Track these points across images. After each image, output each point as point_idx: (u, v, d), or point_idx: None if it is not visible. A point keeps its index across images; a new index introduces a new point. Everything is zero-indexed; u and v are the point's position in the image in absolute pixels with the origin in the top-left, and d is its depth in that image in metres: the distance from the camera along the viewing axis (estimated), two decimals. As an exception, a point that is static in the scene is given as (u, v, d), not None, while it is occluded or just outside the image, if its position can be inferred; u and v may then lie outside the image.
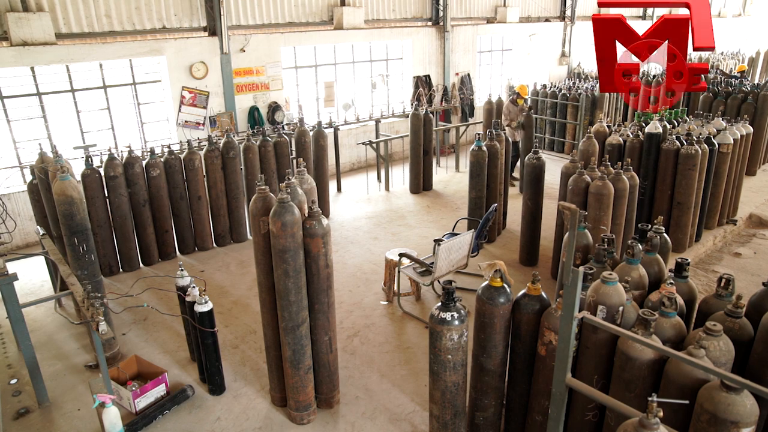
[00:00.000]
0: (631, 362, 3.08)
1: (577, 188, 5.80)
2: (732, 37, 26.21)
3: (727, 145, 7.61)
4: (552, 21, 17.36)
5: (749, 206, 9.06)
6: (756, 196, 9.61)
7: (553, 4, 17.37)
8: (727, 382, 2.61)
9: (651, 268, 3.85)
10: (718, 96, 11.44)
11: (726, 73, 15.53)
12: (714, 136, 7.55)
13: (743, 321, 3.24)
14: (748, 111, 10.39)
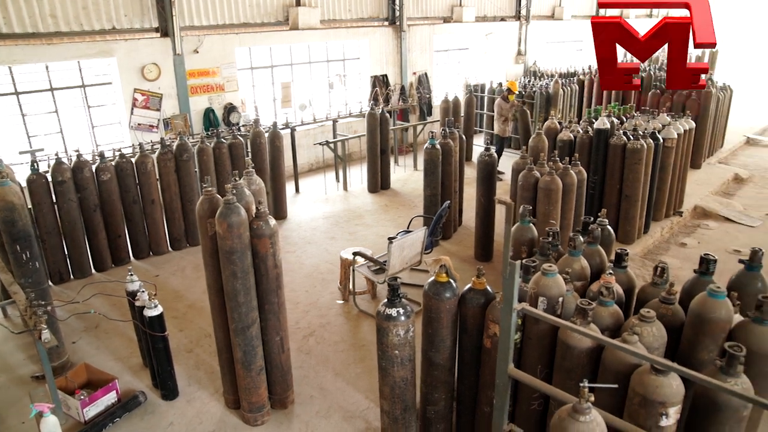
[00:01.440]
0: (570, 351, 3.17)
1: (527, 183, 5.93)
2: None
3: (672, 140, 7.88)
4: (508, 20, 17.63)
5: (694, 198, 9.39)
6: (701, 189, 9.97)
7: (509, 4, 17.64)
8: (656, 366, 2.71)
9: (593, 259, 3.97)
10: (664, 92, 11.82)
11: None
12: (659, 131, 7.81)
13: (676, 307, 3.37)
14: (692, 107, 10.77)
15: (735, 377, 2.73)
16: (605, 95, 13.89)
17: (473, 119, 12.93)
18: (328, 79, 13.05)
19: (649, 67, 16.70)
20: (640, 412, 2.83)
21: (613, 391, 3.02)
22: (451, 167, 7.65)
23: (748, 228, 8.66)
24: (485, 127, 13.97)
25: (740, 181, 11.05)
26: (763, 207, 9.59)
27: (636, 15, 24.71)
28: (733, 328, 3.12)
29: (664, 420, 2.80)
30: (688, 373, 2.58)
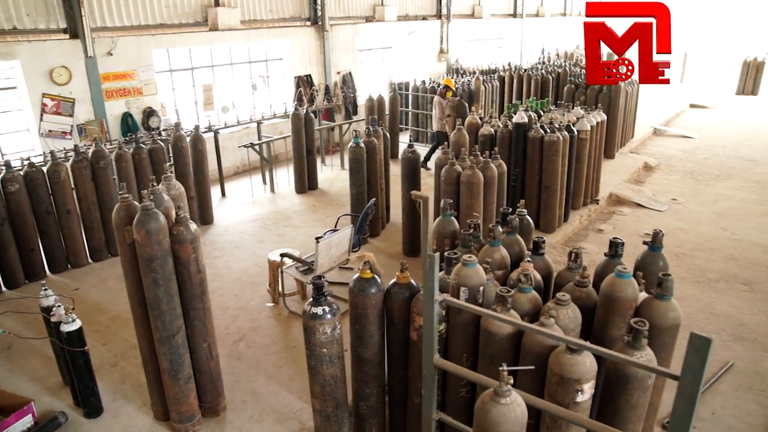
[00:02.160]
0: (492, 338, 3.28)
1: (449, 178, 6.08)
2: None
3: (586, 132, 8.28)
4: (429, 19, 17.94)
5: (609, 186, 9.92)
6: (615, 177, 10.54)
7: (430, 3, 17.95)
8: (570, 346, 2.86)
9: (512, 248, 4.12)
10: (579, 87, 12.39)
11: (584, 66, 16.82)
12: (573, 124, 8.19)
13: (589, 289, 3.55)
14: (604, 100, 11.35)
15: (640, 350, 2.91)
16: (524, 90, 14.42)
17: (398, 117, 13.08)
18: (251, 81, 12.84)
19: (564, 62, 17.45)
20: (559, 391, 2.97)
21: (535, 373, 3.16)
22: (376, 165, 7.72)
23: (657, 212, 9.25)
24: (410, 125, 14.17)
25: (649, 169, 11.76)
26: (670, 192, 10.27)
27: (551, 14, 25.74)
28: (639, 305, 3.32)
29: (580, 396, 2.95)
30: (598, 350, 2.75)
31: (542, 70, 14.85)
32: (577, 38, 26.64)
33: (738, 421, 4.63)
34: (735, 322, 6.07)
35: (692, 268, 7.30)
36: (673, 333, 3.33)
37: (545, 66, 16.24)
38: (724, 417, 4.68)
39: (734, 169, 11.88)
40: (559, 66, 15.92)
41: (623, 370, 3.04)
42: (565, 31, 27.03)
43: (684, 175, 11.46)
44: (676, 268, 7.27)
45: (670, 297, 3.25)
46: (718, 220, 8.97)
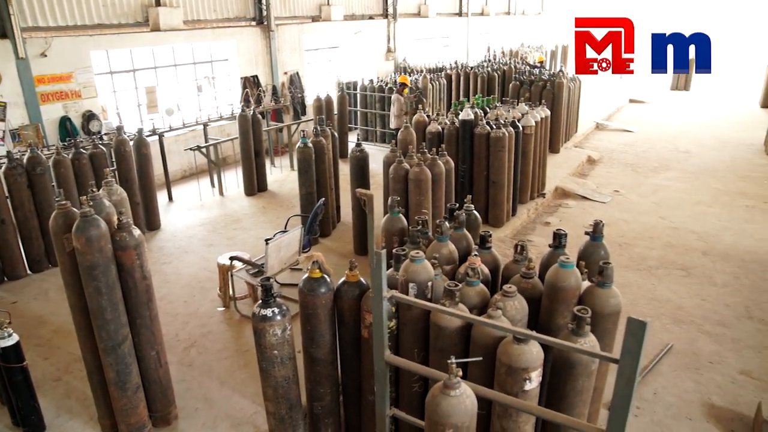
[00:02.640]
0: (442, 332, 3.32)
1: (398, 176, 6.12)
2: (535, 32, 29.21)
3: (530, 127, 8.48)
4: (376, 18, 17.98)
5: (555, 180, 10.20)
6: (560, 171, 10.83)
7: (376, 3, 18.00)
8: (517, 336, 2.92)
9: (460, 243, 4.17)
10: (523, 84, 12.67)
11: (530, 64, 17.24)
12: (519, 120, 8.37)
13: (535, 280, 3.63)
14: (548, 97, 11.64)
15: (584, 337, 3.01)
16: (471, 88, 14.64)
17: (347, 117, 13.08)
18: (196, 82, 12.58)
19: (509, 60, 17.82)
20: (507, 380, 3.04)
21: (485, 364, 3.22)
22: (325, 165, 7.69)
23: (601, 204, 9.56)
24: (359, 124, 14.18)
25: (593, 162, 12.14)
26: (612, 184, 10.64)
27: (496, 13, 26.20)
28: (582, 294, 3.43)
29: (528, 384, 3.02)
30: (543, 339, 2.82)
31: (488, 68, 15.12)
32: (521, 36, 27.29)
33: (677, 399, 4.85)
34: (673, 306, 6.35)
35: (634, 257, 7.58)
36: (615, 319, 3.45)
37: (491, 64, 16.53)
38: (664, 396, 4.89)
39: (671, 161, 12.41)
40: (504, 63, 16.24)
41: (568, 357, 3.13)
42: (510, 30, 27.60)
43: (625, 168, 11.90)
44: (619, 256, 7.54)
45: (611, 284, 3.37)
46: (657, 210, 9.35)
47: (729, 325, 6.00)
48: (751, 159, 12.68)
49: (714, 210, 9.38)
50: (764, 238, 8.22)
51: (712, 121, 16.97)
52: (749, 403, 4.74)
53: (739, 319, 6.12)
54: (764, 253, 7.71)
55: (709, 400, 4.86)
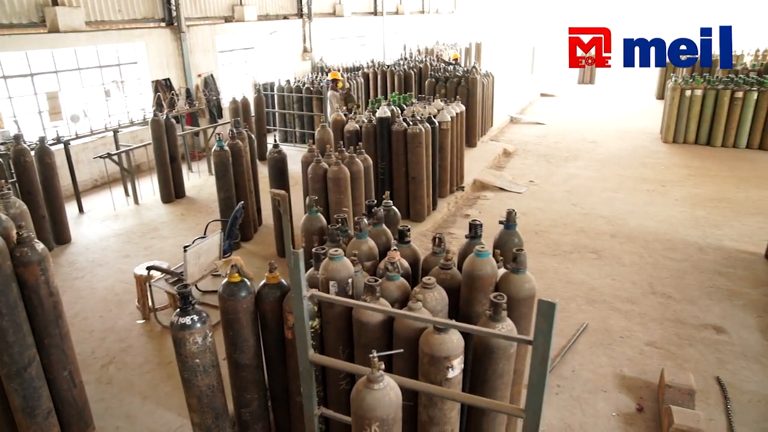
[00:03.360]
0: (365, 327, 3.34)
1: (316, 175, 6.09)
2: (449, 30, 29.91)
3: (446, 122, 8.68)
4: (291, 18, 17.79)
5: (473, 173, 10.50)
6: (477, 164, 11.16)
7: (291, 2, 17.80)
8: (437, 326, 2.99)
9: (379, 239, 4.21)
10: (439, 81, 12.94)
11: (445, 61, 17.63)
12: (435, 116, 8.54)
13: (453, 271, 3.73)
14: (463, 92, 11.96)
15: (501, 322, 3.12)
16: (388, 86, 14.78)
17: (264, 118, 12.87)
18: (103, 87, 11.98)
19: (425, 58, 18.13)
20: (431, 370, 3.10)
21: (408, 356, 3.27)
22: (243, 168, 7.55)
23: (517, 194, 9.94)
24: (278, 125, 14.00)
25: (508, 155, 12.59)
26: (527, 175, 11.08)
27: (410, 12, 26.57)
28: (498, 281, 3.55)
29: (451, 372, 3.10)
30: (462, 327, 2.91)
31: (404, 66, 15.31)
32: (436, 34, 27.83)
33: (593, 374, 5.13)
34: (587, 287, 6.70)
35: (550, 243, 7.94)
36: (530, 303, 3.59)
37: (407, 62, 16.76)
38: (581, 372, 5.16)
39: (580, 151, 13.08)
40: (420, 61, 16.51)
41: (488, 343, 3.24)
42: (425, 28, 28.08)
43: (539, 159, 12.42)
44: (536, 244, 7.87)
45: (525, 270, 3.50)
46: (569, 198, 9.83)
47: (636, 301, 6.40)
48: (650, 146, 13.59)
49: (620, 195, 9.97)
50: (663, 219, 8.84)
51: (615, 112, 18.03)
52: (655, 371, 5.09)
53: (645, 295, 6.55)
54: (663, 233, 8.29)
55: (621, 372, 5.17)
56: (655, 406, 4.73)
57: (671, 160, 12.32)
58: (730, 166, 11.72)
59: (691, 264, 7.32)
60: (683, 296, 6.52)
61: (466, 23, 32.52)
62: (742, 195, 9.96)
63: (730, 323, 5.98)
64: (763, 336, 5.76)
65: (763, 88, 12.68)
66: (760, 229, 8.00)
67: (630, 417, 4.65)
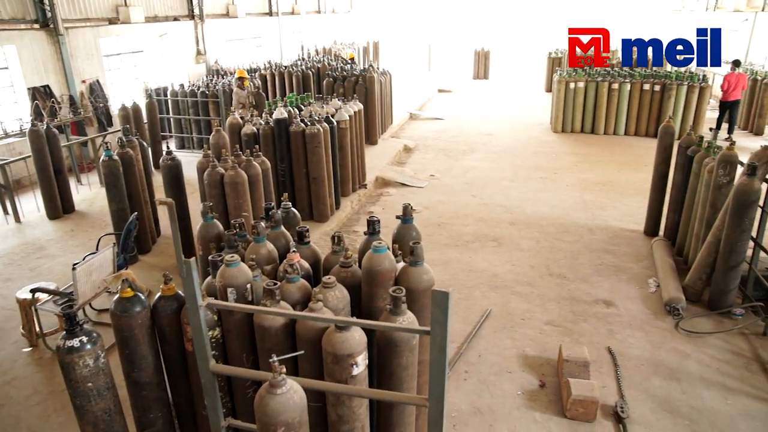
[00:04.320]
0: (267, 332, 3.29)
1: (213, 181, 5.92)
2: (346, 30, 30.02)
3: (345, 121, 8.72)
4: (182, 20, 17.13)
5: (375, 171, 10.62)
6: (379, 161, 11.30)
7: (180, 3, 17.14)
8: (338, 324, 3.00)
9: (279, 242, 4.16)
10: (336, 80, 12.95)
11: (343, 59, 17.69)
12: (333, 115, 8.55)
13: (354, 268, 3.75)
14: (360, 91, 12.05)
15: (401, 315, 3.17)
16: (287, 87, 14.61)
17: (158, 125, 12.31)
18: (-30, 97, 10.97)
19: (323, 57, 18.09)
20: (335, 368, 3.11)
21: (313, 358, 3.26)
22: (135, 177, 7.18)
23: (419, 189, 10.17)
24: (174, 132, 13.46)
25: (409, 151, 12.84)
26: (428, 169, 11.36)
27: (306, 12, 26.39)
28: (398, 275, 3.61)
29: (356, 369, 3.12)
30: (361, 323, 2.94)
31: (302, 67, 15.20)
32: (333, 34, 27.82)
33: (498, 357, 5.35)
34: (489, 274, 6.97)
35: (452, 234, 8.18)
36: (430, 294, 3.68)
37: (305, 62, 16.64)
38: (487, 357, 5.37)
39: (477, 144, 13.59)
40: (318, 61, 16.45)
41: (390, 336, 3.29)
42: (322, 28, 28.01)
43: (438, 153, 12.77)
44: (439, 236, 8.09)
45: (422, 262, 3.59)
46: (469, 189, 10.19)
47: (534, 284, 6.75)
48: (541, 136, 14.37)
49: (516, 184, 10.46)
50: (555, 204, 9.38)
51: (508, 105, 18.89)
52: (554, 348, 5.39)
53: (542, 277, 6.92)
54: (557, 218, 8.79)
55: (524, 353, 5.43)
56: (556, 381, 5.01)
57: (561, 149, 13.09)
58: (612, 152, 12.63)
59: (582, 245, 7.82)
60: (577, 276, 6.95)
61: (363, 22, 32.79)
62: (623, 178, 10.77)
63: (617, 297, 6.45)
64: (645, 305, 6.26)
65: (634, 80, 13.78)
66: (639, 208, 8.67)
67: (534, 393, 4.89)
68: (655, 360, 5.32)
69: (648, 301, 6.34)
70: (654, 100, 13.83)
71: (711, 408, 4.70)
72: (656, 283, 6.66)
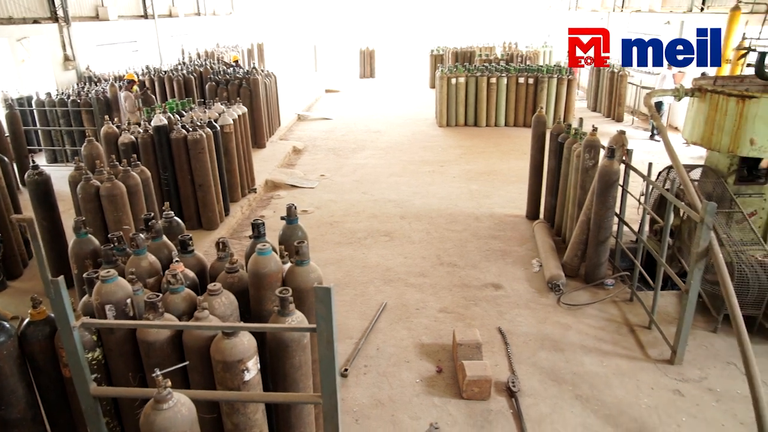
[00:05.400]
0: (152, 347, 3.17)
1: (87, 194, 5.57)
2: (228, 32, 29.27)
3: (229, 125, 8.52)
4: (43, 22, 15.85)
5: (264, 174, 10.47)
6: (268, 164, 11.16)
7: (40, 4, 15.84)
8: (224, 331, 2.96)
9: (161, 253, 4.01)
10: (220, 84, 12.61)
11: (226, 63, 17.25)
12: (216, 120, 8.32)
13: (240, 273, 3.70)
14: (245, 94, 11.83)
15: (290, 315, 3.18)
16: (168, 93, 14.01)
17: (23, 137, 11.30)
18: None
19: (205, 61, 17.52)
20: (226, 376, 3.05)
21: (203, 368, 3.18)
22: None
23: (310, 189, 10.15)
24: (44, 144, 12.46)
25: (298, 152, 12.78)
26: (318, 170, 11.38)
27: (185, 14, 25.40)
28: (285, 276, 3.61)
29: (247, 374, 3.09)
30: (247, 327, 2.92)
31: (183, 71, 14.63)
32: (215, 37, 27.00)
33: (396, 349, 5.49)
34: (383, 268, 7.12)
35: (345, 232, 8.26)
36: (318, 292, 3.72)
37: (186, 66, 16.03)
38: (385, 349, 5.48)
39: (366, 141, 13.79)
40: (200, 65, 15.91)
41: (281, 337, 3.28)
42: (203, 30, 27.07)
43: (328, 153, 12.82)
44: (332, 234, 8.13)
45: (308, 261, 3.61)
46: (360, 186, 10.32)
47: (427, 274, 6.97)
48: (427, 131, 14.85)
49: (405, 179, 10.74)
50: (444, 196, 9.74)
51: (395, 102, 19.32)
52: (448, 334, 5.61)
53: (434, 266, 7.17)
54: (445, 209, 9.14)
55: (420, 341, 5.60)
56: (452, 365, 5.22)
57: (446, 142, 13.60)
58: (495, 143, 13.31)
59: (470, 233, 8.17)
60: (466, 262, 7.26)
61: (246, 24, 32.08)
62: (505, 166, 11.38)
63: (505, 279, 6.82)
64: (530, 285, 6.67)
65: (510, 74, 14.63)
66: (521, 194, 9.20)
67: (432, 380, 5.06)
68: (541, 335, 5.69)
69: (533, 281, 6.76)
70: (529, 93, 14.78)
71: (590, 372, 5.11)
72: (539, 263, 7.11)
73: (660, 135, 11.21)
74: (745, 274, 5.56)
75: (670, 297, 6.27)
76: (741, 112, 5.89)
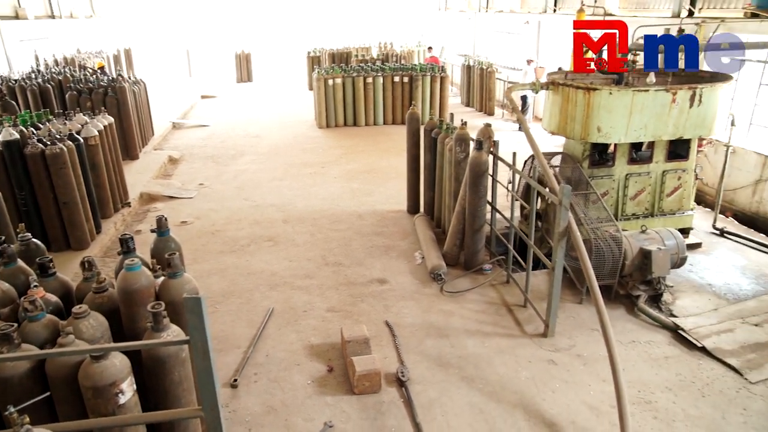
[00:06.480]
0: (9, 382, 2.93)
1: (-75, 223, 5.02)
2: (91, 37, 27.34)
3: (94, 137, 8.01)
4: None
5: (138, 186, 9.94)
6: (142, 176, 10.61)
7: None
8: (92, 354, 2.81)
9: (17, 278, 3.71)
10: (82, 93, 11.78)
11: (93, 70, 16.14)
12: (78, 132, 7.79)
13: (110, 292, 3.53)
14: (112, 103, 11.15)
15: (164, 330, 3.09)
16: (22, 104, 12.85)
17: None
18: None
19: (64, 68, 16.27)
20: (98, 402, 2.91)
21: (73, 396, 3.00)
22: None
23: (188, 199, 9.80)
24: None
25: (175, 162, 12.26)
26: (197, 178, 11.00)
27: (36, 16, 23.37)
28: (158, 290, 3.50)
29: (122, 397, 2.96)
30: (116, 347, 2.80)
31: (39, 80, 13.47)
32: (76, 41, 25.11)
33: (286, 353, 5.46)
34: (268, 273, 7.05)
35: (227, 240, 8.06)
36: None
37: (42, 74, 14.78)
38: (275, 354, 5.45)
39: (245, 147, 13.53)
40: (59, 73, 14.74)
41: (156, 354, 3.18)
42: (60, 35, 25.06)
43: (206, 161, 12.41)
44: (214, 244, 7.92)
45: (182, 272, 3.52)
46: (240, 193, 10.12)
47: (313, 275, 7.00)
48: (307, 133, 14.86)
49: (286, 182, 10.68)
50: (326, 197, 9.81)
51: (274, 106, 19.10)
52: (337, 332, 5.67)
53: (320, 267, 7.21)
54: (328, 209, 9.22)
55: (309, 343, 5.62)
56: (342, 363, 5.28)
57: (327, 143, 13.67)
58: (373, 141, 13.58)
59: (353, 231, 8.30)
60: (351, 261, 7.37)
61: (111, 28, 30.12)
62: (385, 164, 11.66)
63: (389, 273, 7.00)
64: (414, 277, 6.90)
65: (386, 74, 14.99)
66: (401, 190, 9.47)
67: (323, 379, 5.10)
68: (426, 324, 5.92)
69: (416, 273, 7.00)
70: (405, 91, 15.23)
71: (474, 353, 5.40)
72: (421, 255, 7.38)
73: (521, 126, 12.03)
74: (601, 248, 6.15)
75: (541, 276, 6.76)
76: (588, 102, 6.50)
